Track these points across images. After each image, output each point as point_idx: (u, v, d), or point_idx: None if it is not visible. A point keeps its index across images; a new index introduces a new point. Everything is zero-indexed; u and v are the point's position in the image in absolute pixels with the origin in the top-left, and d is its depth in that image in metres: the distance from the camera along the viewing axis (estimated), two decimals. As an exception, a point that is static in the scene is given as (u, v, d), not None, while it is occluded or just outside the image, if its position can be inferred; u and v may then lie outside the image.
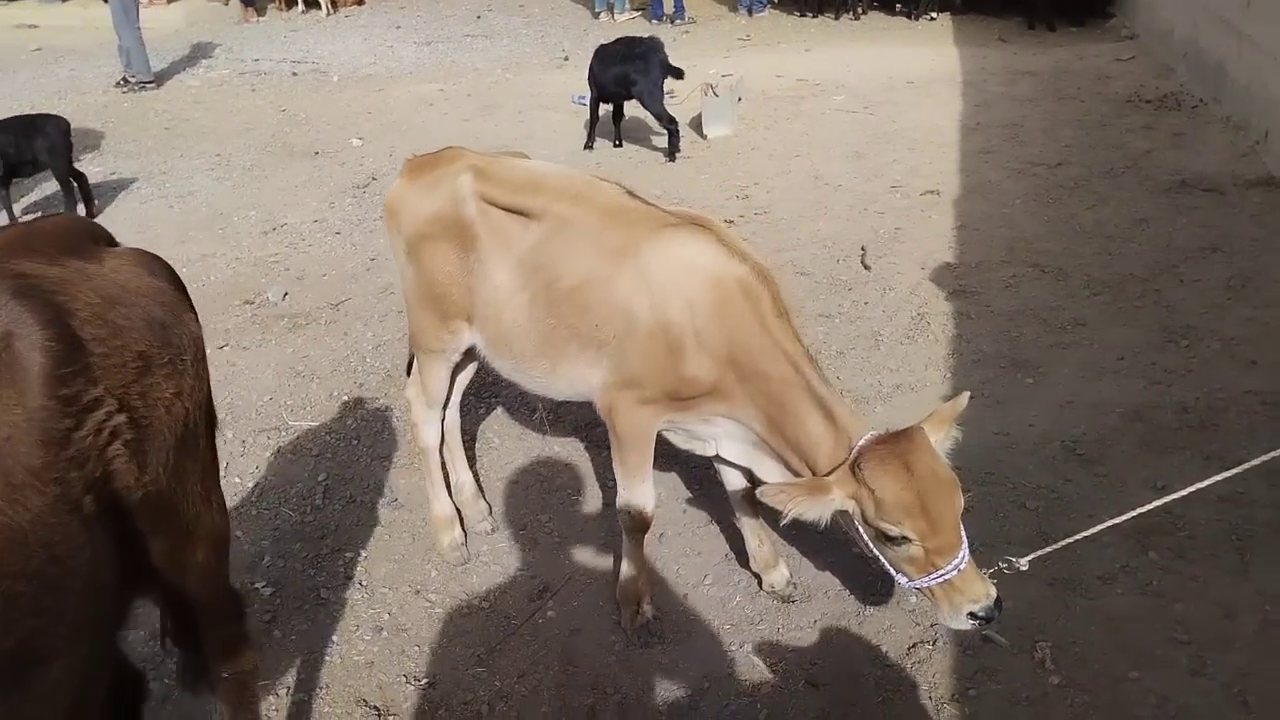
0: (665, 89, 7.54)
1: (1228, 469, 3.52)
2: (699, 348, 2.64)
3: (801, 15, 12.60)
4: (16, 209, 6.86)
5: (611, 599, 3.19)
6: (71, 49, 12.70)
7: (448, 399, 3.46)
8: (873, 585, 3.14)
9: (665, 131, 7.43)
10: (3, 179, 6.60)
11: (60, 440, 1.54)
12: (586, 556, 3.42)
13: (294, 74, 11.18)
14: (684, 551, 3.41)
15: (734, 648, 2.98)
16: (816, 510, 2.43)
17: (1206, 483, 2.42)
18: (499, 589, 3.28)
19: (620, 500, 2.96)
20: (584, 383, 2.88)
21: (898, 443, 2.42)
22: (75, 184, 6.86)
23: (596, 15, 13.32)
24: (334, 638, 3.10)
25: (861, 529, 2.48)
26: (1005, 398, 4.09)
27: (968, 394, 2.58)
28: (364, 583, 3.35)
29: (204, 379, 1.96)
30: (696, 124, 8.02)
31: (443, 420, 3.49)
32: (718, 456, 2.98)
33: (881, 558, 2.50)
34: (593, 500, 3.72)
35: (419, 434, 3.44)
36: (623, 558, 3.05)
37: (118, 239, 2.04)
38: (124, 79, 10.51)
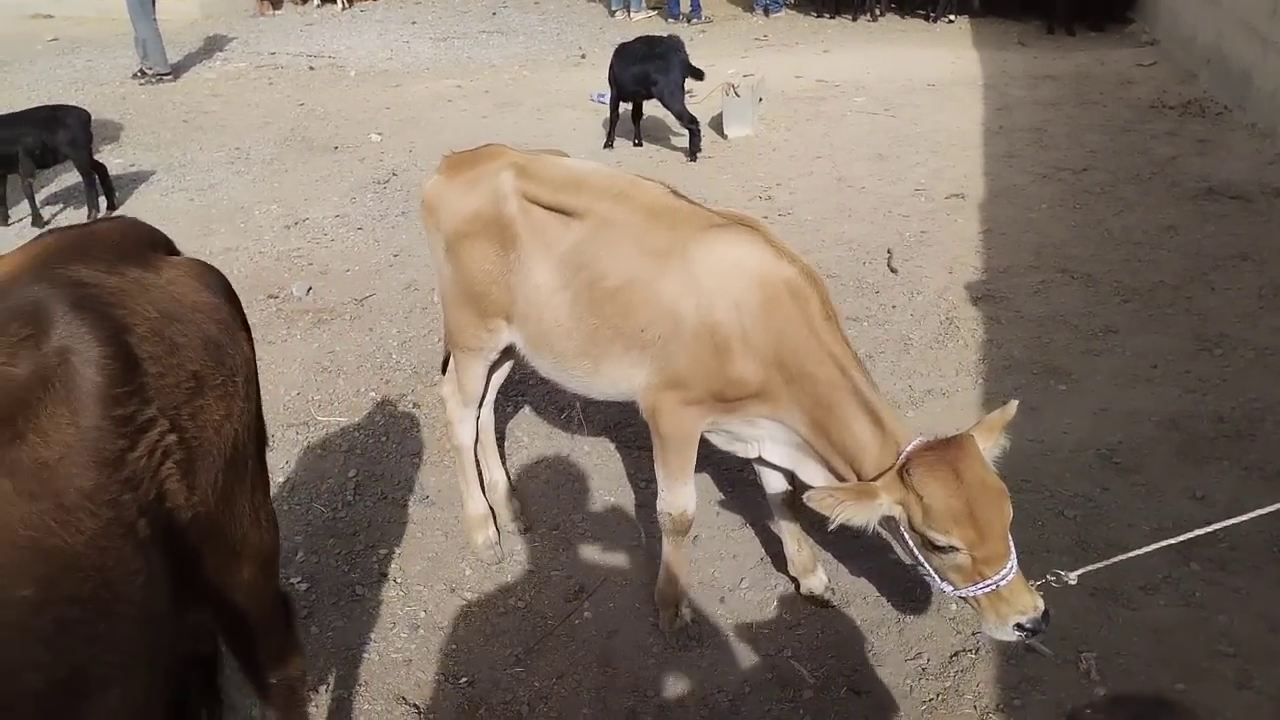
0: (685, 88, 7.53)
1: (1267, 480, 3.53)
2: (746, 349, 2.62)
3: (819, 16, 12.56)
4: (37, 200, 6.83)
5: (647, 601, 3.18)
6: (88, 40, 12.70)
7: (483, 398, 3.45)
8: (912, 591, 3.12)
9: (686, 131, 7.41)
10: (26, 170, 6.59)
11: (114, 461, 1.50)
12: (620, 558, 3.40)
13: (311, 68, 11.17)
14: (719, 554, 3.39)
15: (772, 653, 2.96)
16: (864, 515, 2.40)
17: (1268, 510, 2.37)
18: (534, 588, 3.27)
19: (661, 502, 2.94)
20: (626, 382, 2.87)
21: (947, 449, 2.39)
22: (96, 176, 6.84)
23: (613, 13, 13.30)
24: (371, 635, 3.09)
25: (907, 535, 2.45)
26: (1039, 404, 4.06)
27: (1015, 403, 2.55)
28: (399, 580, 3.34)
29: (254, 399, 1.93)
30: (717, 124, 7.99)
31: (478, 419, 3.47)
32: (759, 459, 2.96)
33: (925, 565, 2.47)
34: (625, 501, 3.70)
35: (454, 432, 3.42)
36: (662, 560, 3.03)
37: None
38: (140, 71, 10.51)
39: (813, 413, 2.63)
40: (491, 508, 3.51)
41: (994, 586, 2.34)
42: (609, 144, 7.84)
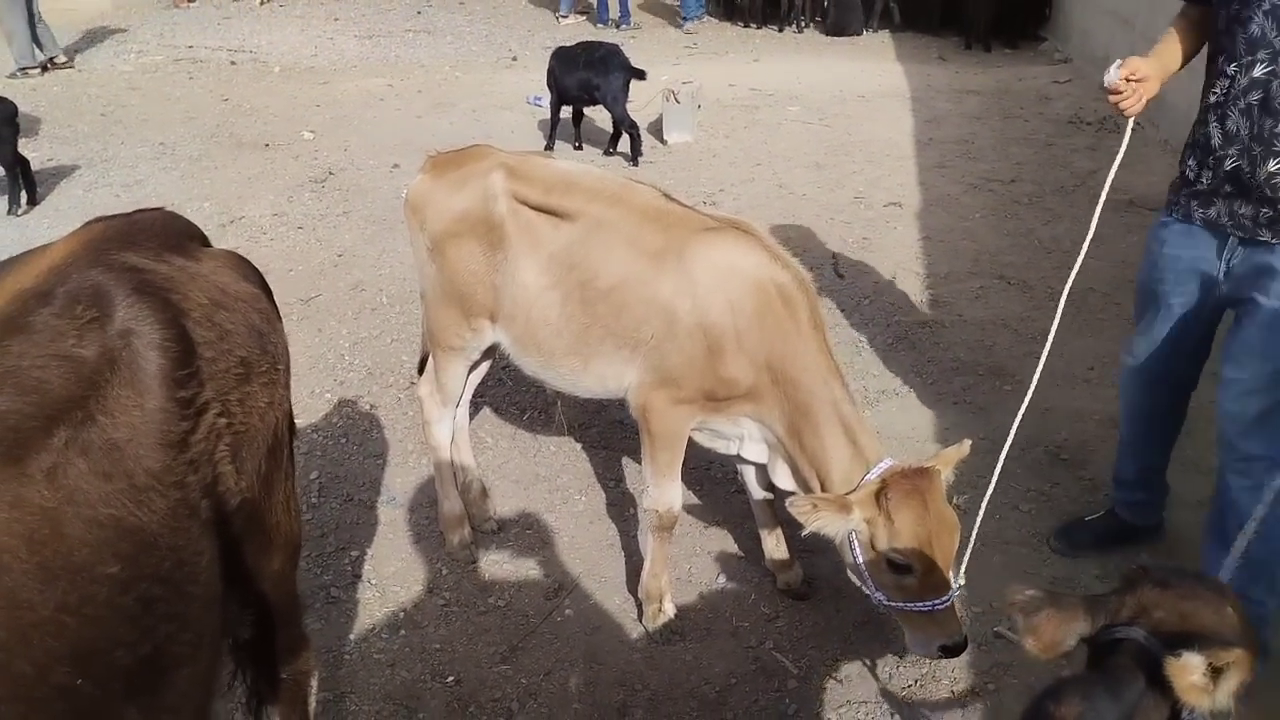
0: (627, 93, 7.58)
1: (1203, 474, 3.74)
2: (739, 350, 2.69)
3: (745, 26, 12.78)
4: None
5: (626, 598, 3.22)
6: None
7: (460, 398, 3.44)
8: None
9: (627, 135, 7.47)
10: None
11: (179, 443, 1.51)
12: (596, 555, 3.44)
13: (232, 63, 10.88)
14: (694, 550, 3.45)
15: (754, 644, 3.03)
16: (836, 527, 2.52)
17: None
18: (513, 587, 3.28)
19: (648, 499, 2.99)
20: (614, 380, 2.91)
21: (920, 480, 2.52)
22: (19, 169, 6.56)
23: (562, 18, 13.27)
24: (351, 636, 3.06)
25: (859, 549, 2.57)
26: (987, 404, 4.24)
27: (969, 443, 2.70)
28: (374, 581, 3.31)
29: (289, 388, 1.94)
30: (656, 129, 8.07)
31: (454, 419, 3.47)
32: (739, 456, 3.03)
33: (865, 575, 2.59)
34: (595, 500, 3.73)
35: (431, 432, 3.41)
36: (647, 555, 3.08)
37: (66, 229, 1.98)
38: (20, 69, 10.02)
39: (791, 417, 2.73)
40: (466, 508, 3.51)
41: (930, 609, 2.51)
42: (549, 147, 7.84)
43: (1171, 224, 2.94)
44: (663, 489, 2.94)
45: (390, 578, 3.32)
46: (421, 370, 3.50)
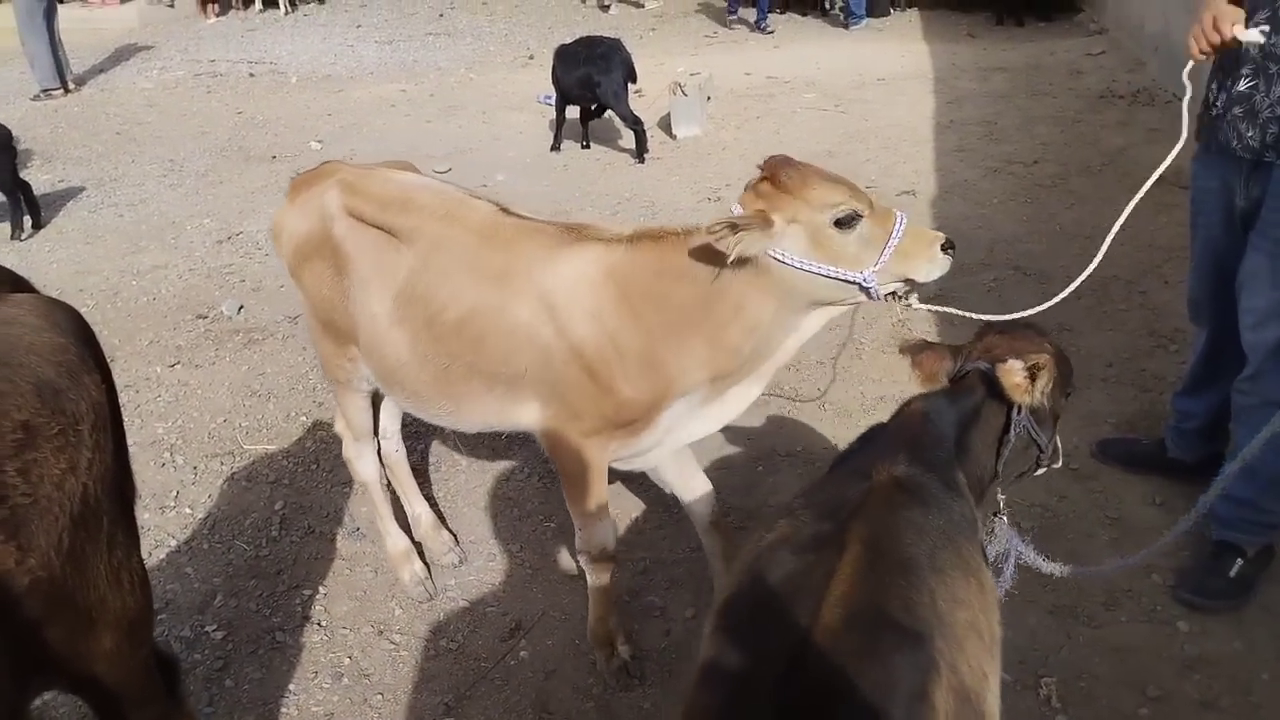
0: (632, 88, 7.36)
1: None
2: (621, 357, 2.38)
3: (782, 13, 12.42)
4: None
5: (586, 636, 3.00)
6: (18, 51, 12.27)
7: (378, 429, 3.27)
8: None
9: (632, 132, 7.25)
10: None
11: None
12: (561, 589, 3.23)
13: (251, 75, 10.88)
14: (667, 582, 3.22)
15: (720, 688, 2.80)
16: (762, 240, 2.18)
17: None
18: (468, 627, 3.08)
19: (580, 542, 2.74)
20: (496, 417, 2.64)
21: (785, 164, 2.27)
22: (21, 194, 6.54)
23: (606, 8, 13.14)
24: (291, 686, 2.88)
25: (806, 251, 2.23)
26: (993, 409, 3.94)
27: None
28: (323, 623, 3.14)
29: (106, 449, 1.72)
30: (665, 124, 7.84)
31: (378, 451, 3.28)
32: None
33: (835, 273, 2.23)
34: (567, 527, 3.49)
35: (354, 470, 3.24)
36: (590, 598, 2.85)
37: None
38: (44, 91, 10.08)
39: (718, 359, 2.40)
40: (418, 543, 3.32)
41: (898, 237, 2.25)
42: (555, 147, 7.65)
43: (1199, 154, 2.97)
44: (591, 530, 2.69)
45: (340, 619, 3.14)
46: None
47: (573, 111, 7.53)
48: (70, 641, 1.63)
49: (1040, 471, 2.21)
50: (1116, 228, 2.71)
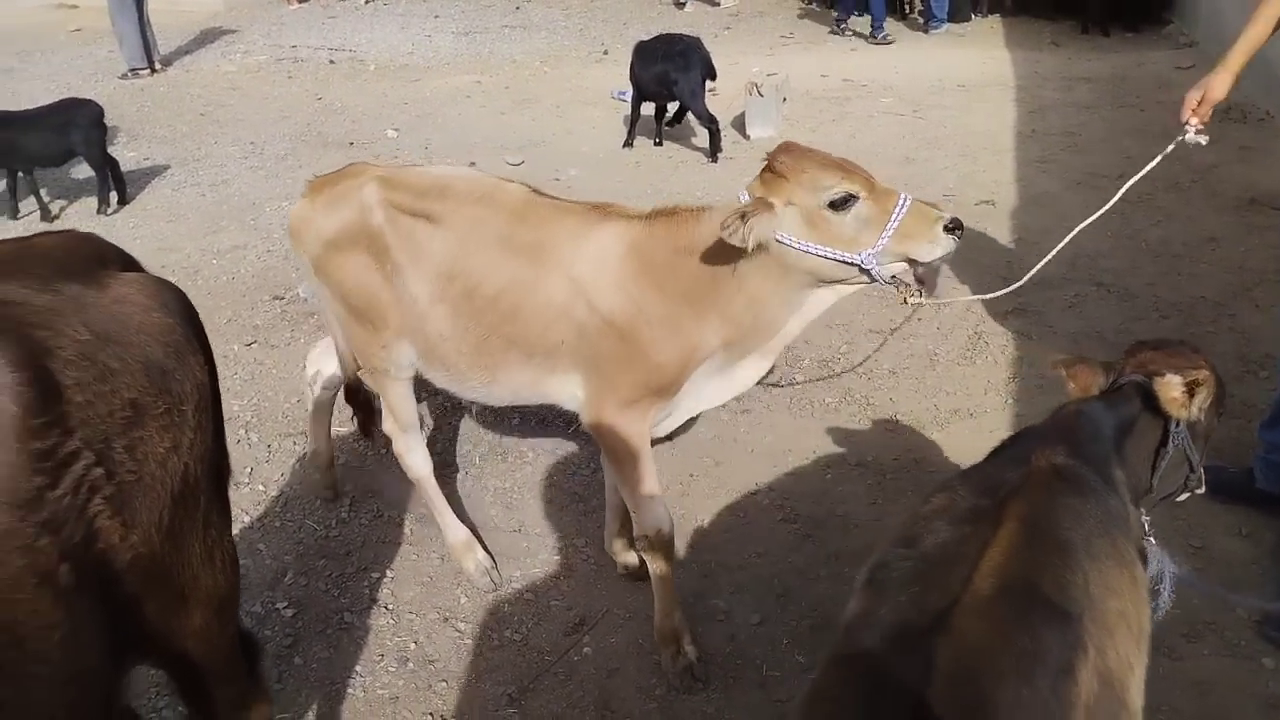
0: (708, 87, 7.32)
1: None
2: (649, 323, 2.54)
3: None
4: (44, 194, 6.72)
5: (651, 636, 2.99)
6: (110, 31, 12.61)
7: (326, 378, 3.45)
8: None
9: (706, 131, 7.21)
10: (20, 170, 6.52)
11: (30, 502, 1.34)
12: (625, 587, 3.22)
13: (331, 61, 11.04)
14: (732, 587, 3.20)
15: (784, 699, 2.77)
16: (770, 224, 2.31)
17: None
18: (532, 619, 3.09)
19: (636, 527, 2.79)
20: (528, 390, 2.81)
21: (788, 151, 2.42)
22: (109, 171, 6.72)
23: (682, 5, 13.12)
24: (357, 668, 2.92)
25: (805, 233, 2.34)
26: (1071, 428, 3.84)
27: None
28: (390, 606, 3.17)
29: (207, 430, 1.74)
30: (739, 124, 7.79)
31: (332, 401, 3.47)
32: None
33: (831, 254, 2.33)
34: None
35: (406, 465, 3.28)
36: (654, 592, 2.85)
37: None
38: (131, 70, 10.36)
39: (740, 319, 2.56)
40: (477, 531, 3.35)
41: (898, 219, 2.29)
42: (629, 143, 7.65)
43: None
44: (645, 508, 2.74)
45: (407, 603, 3.18)
46: (348, 398, 3.36)
47: (648, 109, 7.53)
48: (163, 617, 1.66)
49: (1184, 497, 2.21)
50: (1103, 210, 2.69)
